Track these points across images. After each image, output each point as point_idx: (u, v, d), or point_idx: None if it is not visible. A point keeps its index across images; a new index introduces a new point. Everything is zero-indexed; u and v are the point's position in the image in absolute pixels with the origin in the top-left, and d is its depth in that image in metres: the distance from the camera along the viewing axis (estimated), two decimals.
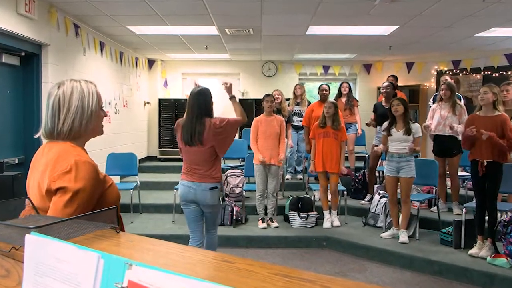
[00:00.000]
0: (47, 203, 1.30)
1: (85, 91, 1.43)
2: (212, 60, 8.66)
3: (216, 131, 2.99)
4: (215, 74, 9.02)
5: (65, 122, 1.39)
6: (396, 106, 4.26)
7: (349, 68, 8.64)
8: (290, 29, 5.79)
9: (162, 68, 8.77)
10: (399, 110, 4.24)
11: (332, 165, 4.79)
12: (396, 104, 4.26)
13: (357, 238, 4.51)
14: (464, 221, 4.04)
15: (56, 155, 1.34)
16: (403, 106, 4.24)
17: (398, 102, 4.28)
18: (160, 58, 8.56)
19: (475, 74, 7.39)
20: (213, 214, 3.18)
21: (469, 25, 5.28)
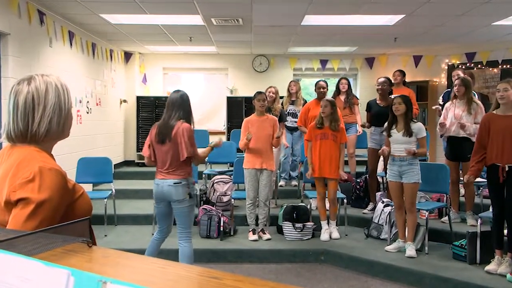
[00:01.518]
0: (7, 217, 1.28)
1: (59, 88, 1.42)
2: (197, 53, 8.66)
3: (181, 134, 3.50)
4: (200, 69, 9.03)
5: (41, 123, 1.37)
6: (397, 105, 4.30)
7: (350, 63, 8.72)
8: (284, 19, 5.83)
9: (141, 62, 8.74)
10: (401, 110, 4.29)
11: (331, 170, 4.82)
12: (398, 103, 4.31)
13: (358, 251, 4.54)
14: (479, 233, 4.07)
15: (17, 161, 1.32)
16: (405, 105, 4.28)
17: (400, 101, 4.32)
18: (138, 51, 8.54)
19: (492, 68, 7.49)
20: (182, 213, 3.56)
21: (485, 13, 5.35)
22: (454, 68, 7.06)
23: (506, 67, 7.26)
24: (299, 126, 6.05)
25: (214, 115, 9.11)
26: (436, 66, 8.22)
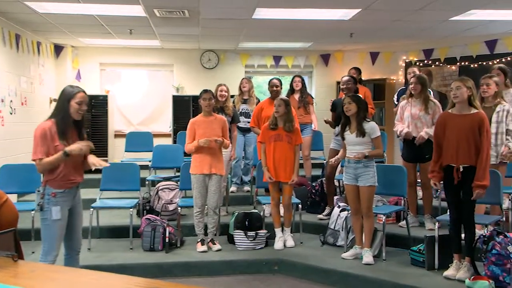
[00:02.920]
0: None
1: None
2: (139, 47, 8.55)
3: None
4: (142, 65, 8.91)
5: None
6: (347, 105, 4.44)
7: (304, 59, 8.92)
8: (233, 12, 5.88)
9: (74, 57, 8.50)
10: (352, 109, 4.43)
11: (286, 173, 4.91)
12: (348, 102, 4.45)
13: (314, 260, 4.65)
14: (437, 237, 4.26)
15: None
16: (355, 104, 4.43)
17: (349, 100, 4.46)
18: (71, 44, 8.31)
19: (450, 65, 7.91)
20: (41, 225, 3.38)
21: (443, 8, 5.64)
22: (412, 65, 7.40)
23: (464, 64, 7.70)
24: (251, 127, 6.11)
25: (158, 115, 9.02)
26: (394, 63, 8.59)
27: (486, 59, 7.30)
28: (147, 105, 8.99)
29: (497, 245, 3.83)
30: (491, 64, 6.49)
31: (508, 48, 7.18)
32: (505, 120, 4.51)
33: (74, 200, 3.49)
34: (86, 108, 3.43)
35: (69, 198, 3.41)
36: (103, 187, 5.35)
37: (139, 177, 5.38)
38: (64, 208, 3.37)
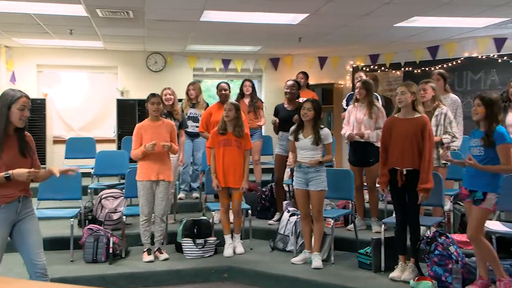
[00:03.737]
0: None
1: None
2: (80, 48, 8.31)
3: None
4: (84, 67, 8.66)
5: None
6: (306, 110, 4.52)
7: (254, 63, 8.99)
8: (180, 14, 5.84)
9: (8, 58, 8.14)
10: (309, 115, 4.51)
11: (235, 179, 4.92)
12: (307, 108, 4.52)
13: (264, 266, 4.68)
14: (383, 239, 4.40)
15: None
16: (314, 112, 4.51)
17: (309, 106, 4.52)
18: (5, 44, 7.95)
19: (395, 71, 8.23)
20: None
21: (387, 14, 5.85)
22: (359, 70, 7.64)
23: (408, 69, 8.04)
24: (200, 132, 6.07)
25: (102, 120, 8.79)
26: (341, 68, 8.82)
27: (429, 65, 7.65)
28: (89, 109, 8.73)
29: (439, 246, 4.00)
30: (434, 70, 6.80)
31: (449, 54, 7.56)
32: (443, 123, 4.74)
33: (18, 215, 3.19)
34: (29, 114, 3.17)
35: (8, 214, 3.14)
36: (41, 196, 5.11)
37: (80, 185, 5.20)
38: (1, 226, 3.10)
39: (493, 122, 3.63)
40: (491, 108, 3.63)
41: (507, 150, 3.58)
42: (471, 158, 3.62)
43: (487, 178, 3.64)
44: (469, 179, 3.78)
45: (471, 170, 3.72)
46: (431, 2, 5.32)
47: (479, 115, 3.67)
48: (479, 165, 3.60)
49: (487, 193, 3.62)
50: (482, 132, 3.67)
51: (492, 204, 3.63)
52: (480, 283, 3.77)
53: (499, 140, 3.59)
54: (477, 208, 3.67)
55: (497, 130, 3.61)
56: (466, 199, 3.79)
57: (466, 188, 3.78)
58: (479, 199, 3.65)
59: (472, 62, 7.39)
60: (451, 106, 5.26)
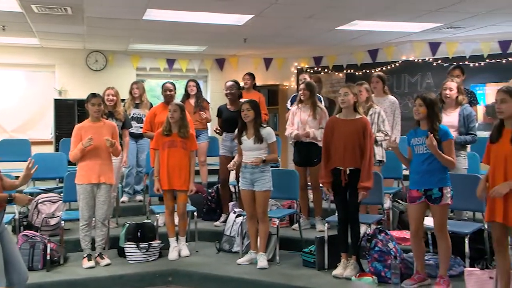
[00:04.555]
0: None
1: None
2: (13, 45, 7.95)
3: None
4: (18, 65, 8.30)
5: None
6: (246, 111, 4.56)
7: (199, 63, 8.96)
8: (122, 11, 5.72)
9: None
10: (250, 116, 4.55)
11: (180, 181, 4.88)
12: (246, 109, 4.56)
13: (210, 268, 4.67)
14: (327, 238, 4.51)
15: None
16: (253, 111, 4.56)
17: (248, 107, 4.57)
18: None
19: (338, 73, 8.47)
20: None
21: (330, 17, 6.02)
22: (303, 72, 7.79)
23: (350, 71, 8.31)
24: (144, 133, 5.96)
25: (38, 121, 8.45)
26: (286, 69, 8.96)
27: (369, 67, 7.94)
28: (24, 110, 8.35)
29: (379, 242, 4.16)
30: (374, 72, 7.05)
31: (388, 57, 7.88)
32: (377, 122, 4.94)
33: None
34: None
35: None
36: None
37: (14, 190, 4.95)
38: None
39: (435, 121, 3.82)
40: (432, 108, 3.81)
41: (451, 145, 3.80)
42: (431, 138, 3.70)
43: (439, 174, 3.78)
44: (419, 179, 3.85)
45: (421, 169, 3.84)
46: (370, 6, 5.53)
47: (421, 114, 3.83)
48: (437, 150, 3.69)
49: (442, 188, 3.77)
50: (424, 131, 3.83)
51: (449, 197, 3.79)
52: (417, 278, 3.95)
53: (444, 136, 3.78)
54: (437, 207, 3.79)
55: (441, 128, 3.81)
56: (416, 201, 3.86)
57: (418, 190, 3.84)
58: (437, 197, 3.77)
59: (409, 65, 7.75)
60: (389, 107, 5.49)
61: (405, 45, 7.72)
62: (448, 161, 3.75)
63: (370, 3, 5.41)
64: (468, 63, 7.03)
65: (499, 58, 6.95)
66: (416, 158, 3.90)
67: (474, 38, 7.08)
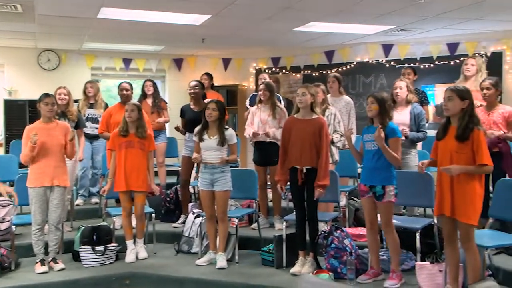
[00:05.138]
0: None
1: None
2: None
3: None
4: None
5: None
6: (211, 111, 4.56)
7: (156, 63, 8.86)
8: (75, 10, 5.60)
9: None
10: (214, 116, 4.56)
11: (138, 182, 4.82)
12: (212, 109, 4.56)
13: (168, 269, 4.63)
14: (285, 236, 4.57)
15: None
16: (219, 112, 4.56)
17: (214, 106, 4.57)
18: None
19: (295, 73, 8.58)
20: None
21: (287, 19, 6.09)
22: (262, 72, 7.84)
23: (307, 72, 8.43)
24: (100, 134, 5.86)
25: None
26: (245, 70, 8.99)
27: (326, 68, 8.07)
28: None
29: (335, 239, 4.25)
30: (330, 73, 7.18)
31: (343, 59, 8.05)
32: (332, 123, 5.06)
33: None
34: None
35: None
36: None
37: None
38: None
39: (386, 118, 3.94)
40: (384, 105, 3.94)
41: (398, 143, 3.93)
42: (379, 130, 3.82)
43: (383, 172, 3.91)
44: (367, 175, 4.02)
45: (369, 165, 3.99)
46: (325, 9, 5.64)
47: (373, 111, 3.96)
48: (383, 142, 3.82)
49: (385, 186, 3.89)
50: (375, 128, 3.95)
51: (392, 195, 3.91)
52: (372, 273, 4.06)
53: (391, 134, 3.90)
54: (380, 204, 3.92)
55: (389, 125, 3.93)
56: (365, 195, 4.02)
57: (365, 185, 4.01)
58: (380, 194, 3.90)
59: (363, 66, 7.94)
60: (345, 107, 5.62)
61: (360, 46, 7.90)
62: (393, 157, 3.88)
63: (326, 6, 5.52)
64: (418, 64, 7.28)
65: (448, 60, 7.23)
66: (366, 154, 4.04)
67: (424, 40, 7.34)
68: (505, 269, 3.93)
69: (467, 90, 3.45)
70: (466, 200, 3.33)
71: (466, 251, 3.41)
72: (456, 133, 3.37)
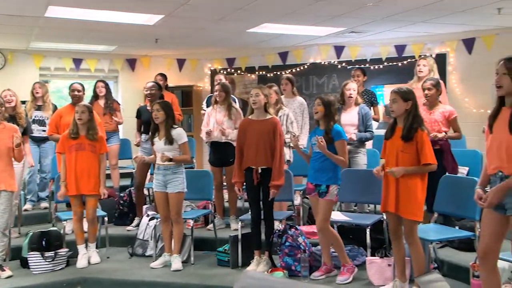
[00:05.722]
0: None
1: None
2: None
3: None
4: None
5: None
6: (156, 112, 4.53)
7: (109, 63, 8.67)
8: (21, 8, 5.40)
9: None
10: (160, 117, 4.52)
11: (90, 186, 4.73)
12: (156, 110, 4.53)
13: (122, 273, 4.56)
14: (240, 236, 4.60)
15: None
16: (164, 112, 4.53)
17: (158, 107, 4.54)
18: None
19: (250, 74, 8.62)
20: None
21: (240, 19, 6.10)
22: (217, 73, 7.83)
23: (262, 73, 8.49)
24: (50, 136, 5.70)
25: None
26: (200, 70, 8.94)
27: (280, 69, 8.16)
28: None
29: (289, 237, 4.32)
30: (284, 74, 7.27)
31: (297, 60, 8.17)
32: (285, 123, 5.13)
33: None
34: None
35: None
36: None
37: None
38: None
39: (330, 121, 4.05)
40: (329, 108, 4.04)
41: (343, 145, 4.05)
42: (319, 140, 3.91)
43: (329, 172, 4.02)
44: (313, 174, 4.13)
45: (315, 166, 4.09)
46: (276, 10, 5.70)
47: (319, 114, 4.06)
48: (326, 150, 3.93)
49: (329, 186, 4.00)
50: (322, 130, 4.06)
51: (335, 195, 4.02)
52: (324, 269, 4.16)
53: (336, 136, 4.02)
54: (322, 200, 4.04)
55: (334, 128, 4.04)
56: (312, 193, 4.13)
57: (312, 183, 4.12)
58: (323, 192, 4.01)
59: (316, 68, 8.08)
60: (298, 108, 5.71)
61: (312, 48, 8.04)
62: (338, 160, 4.00)
63: (277, 7, 5.58)
64: (369, 65, 7.48)
65: (396, 61, 7.48)
66: (314, 155, 4.14)
67: (374, 42, 7.56)
68: (450, 262, 4.13)
69: (410, 91, 3.60)
70: (410, 197, 3.48)
71: (410, 246, 3.55)
72: (402, 133, 3.51)
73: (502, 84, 2.74)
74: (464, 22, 6.35)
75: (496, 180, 2.80)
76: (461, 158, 4.69)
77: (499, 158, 2.76)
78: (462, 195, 3.81)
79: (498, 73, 2.76)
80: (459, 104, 6.68)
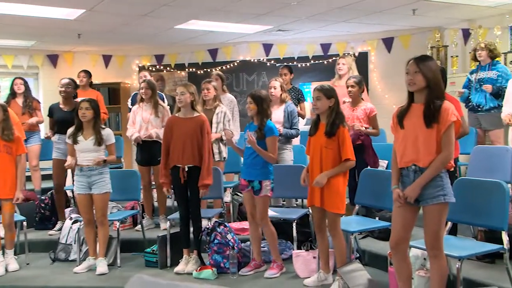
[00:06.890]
0: None
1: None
2: None
3: None
4: None
5: None
6: (84, 110, 4.37)
7: (28, 59, 8.21)
8: None
9: None
10: (88, 115, 4.37)
11: (5, 189, 4.48)
12: (85, 108, 4.37)
13: (43, 280, 4.36)
14: (169, 235, 4.54)
15: None
16: (92, 110, 4.38)
17: (87, 105, 4.37)
18: None
19: (180, 71, 8.51)
20: None
21: (167, 16, 6.01)
22: (144, 70, 7.66)
23: (192, 70, 8.42)
24: None
25: None
26: (127, 67, 8.70)
27: (210, 66, 8.14)
28: None
29: (218, 235, 4.31)
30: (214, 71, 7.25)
31: (227, 57, 8.18)
32: (223, 121, 5.13)
33: None
34: None
35: None
36: None
37: None
38: None
39: (264, 117, 4.08)
40: (261, 104, 4.07)
41: (274, 141, 4.10)
42: (249, 135, 3.96)
43: (260, 168, 4.05)
44: (246, 170, 4.15)
45: (247, 162, 4.12)
46: (202, 7, 5.69)
47: (252, 111, 4.09)
48: (256, 146, 3.96)
49: (262, 181, 4.03)
50: (255, 126, 4.09)
51: (269, 190, 4.06)
52: (253, 264, 4.20)
53: (268, 132, 4.06)
54: (258, 198, 4.06)
55: (267, 124, 4.08)
56: (245, 189, 4.15)
57: (245, 179, 4.14)
58: (257, 189, 4.04)
59: (246, 65, 8.15)
60: (228, 105, 5.71)
61: (242, 45, 8.08)
62: (267, 156, 4.05)
63: (203, 4, 5.56)
64: (296, 63, 7.66)
65: (322, 59, 7.71)
66: (246, 150, 4.17)
67: (301, 41, 7.73)
68: (370, 251, 4.32)
69: (332, 89, 3.72)
70: (333, 192, 3.60)
71: (333, 238, 3.68)
72: (325, 129, 3.61)
73: (416, 82, 2.89)
74: (383, 22, 6.66)
75: (408, 173, 2.94)
76: (381, 152, 4.91)
77: (415, 152, 2.89)
78: (381, 187, 3.96)
79: (408, 73, 2.91)
80: (380, 100, 7.01)
